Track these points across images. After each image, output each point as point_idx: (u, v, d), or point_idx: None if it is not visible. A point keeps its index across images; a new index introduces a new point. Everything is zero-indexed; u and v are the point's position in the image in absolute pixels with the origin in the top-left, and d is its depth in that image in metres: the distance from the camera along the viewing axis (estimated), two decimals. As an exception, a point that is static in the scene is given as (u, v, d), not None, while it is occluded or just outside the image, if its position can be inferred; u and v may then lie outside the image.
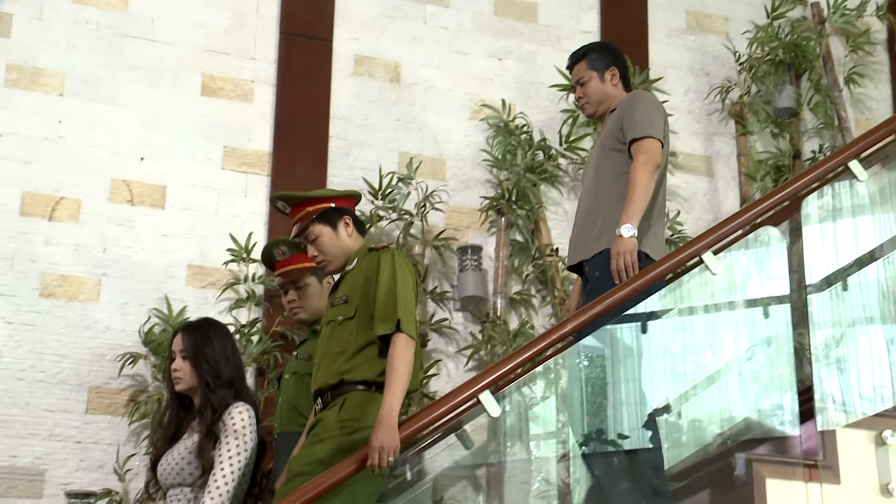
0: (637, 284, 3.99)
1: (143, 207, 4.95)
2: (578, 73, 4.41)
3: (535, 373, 4.97)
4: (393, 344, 3.52)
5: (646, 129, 4.10)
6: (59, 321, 4.66)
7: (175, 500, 3.60)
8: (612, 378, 4.91)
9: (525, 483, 4.96)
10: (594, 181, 4.23)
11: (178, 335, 3.76)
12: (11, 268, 4.70)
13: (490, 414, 3.82)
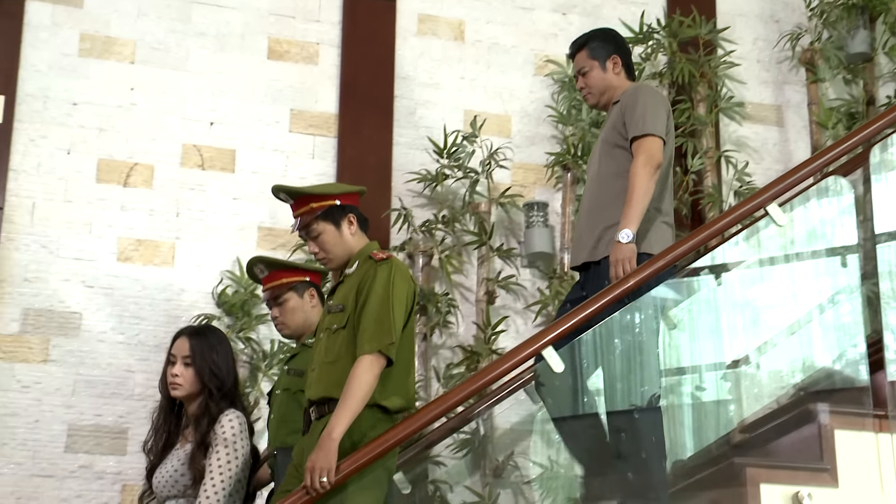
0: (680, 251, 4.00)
1: (213, 171, 5.05)
2: (580, 62, 4.29)
3: (603, 328, 5.01)
4: (361, 362, 3.37)
5: (647, 127, 3.99)
6: (136, 284, 4.80)
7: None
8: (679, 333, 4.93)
9: (597, 438, 5.01)
10: (597, 177, 4.15)
11: (181, 340, 3.71)
12: (90, 233, 4.85)
13: (553, 369, 3.85)
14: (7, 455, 4.53)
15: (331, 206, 3.67)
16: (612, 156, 4.10)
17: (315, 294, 4.15)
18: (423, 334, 4.93)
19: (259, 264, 4.19)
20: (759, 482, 3.83)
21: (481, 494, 4.70)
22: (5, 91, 4.93)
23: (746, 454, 4.31)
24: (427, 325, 4.92)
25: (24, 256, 4.75)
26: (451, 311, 4.97)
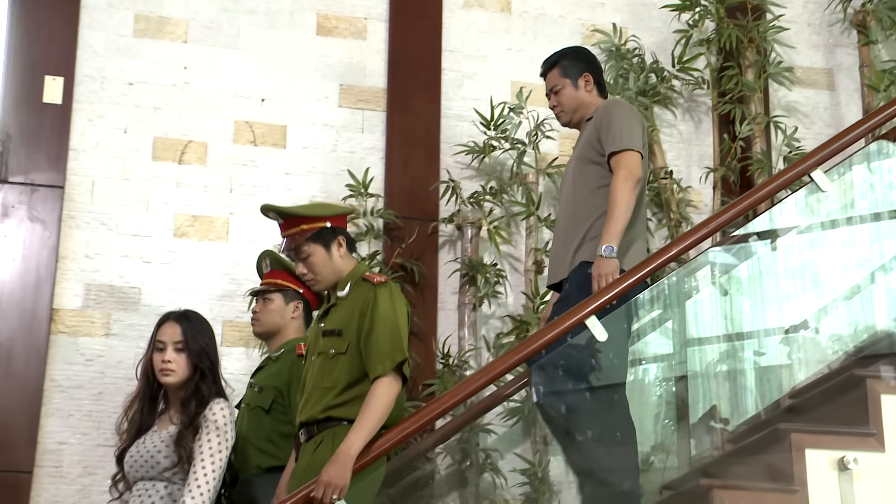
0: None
1: (265, 147, 5.16)
2: (551, 81, 4.29)
3: (651, 295, 5.05)
4: (379, 383, 3.44)
5: (624, 142, 3.98)
6: (191, 259, 4.93)
7: (145, 494, 3.52)
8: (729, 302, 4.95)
9: (644, 404, 5.05)
10: (572, 195, 4.13)
11: (169, 325, 3.66)
12: (147, 210, 4.98)
13: (597, 338, 3.90)
14: (73, 426, 4.69)
15: (321, 228, 3.70)
16: (586, 172, 4.09)
17: (300, 309, 4.17)
18: (473, 304, 5.00)
19: (266, 258, 4.27)
20: (804, 447, 3.86)
21: (532, 461, 4.78)
22: (64, 73, 5.06)
23: (792, 420, 4.34)
24: (476, 296, 4.99)
25: (85, 234, 4.90)
26: (499, 281, 5.04)
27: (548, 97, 4.34)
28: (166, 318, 3.72)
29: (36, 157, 4.93)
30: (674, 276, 5.01)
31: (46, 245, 4.82)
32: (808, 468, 3.83)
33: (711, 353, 5.02)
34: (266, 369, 4.14)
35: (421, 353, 4.91)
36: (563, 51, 4.37)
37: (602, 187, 4.01)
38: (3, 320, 4.70)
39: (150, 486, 3.51)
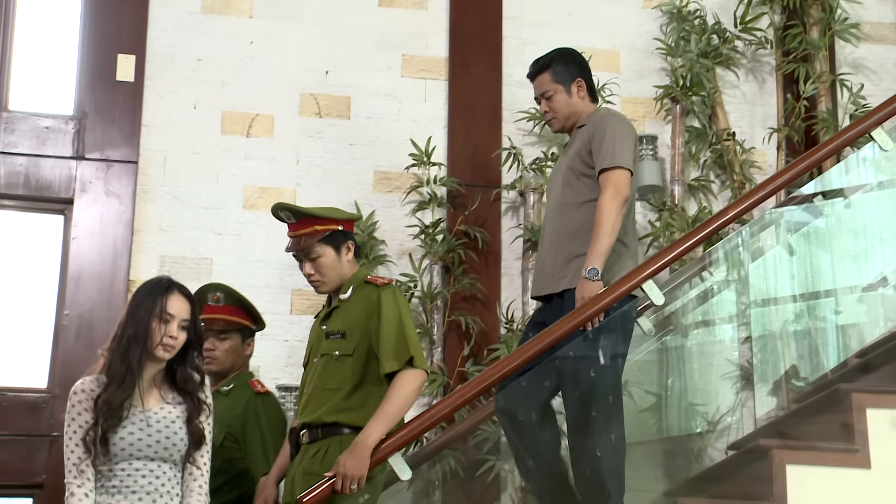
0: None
1: (330, 119, 5.26)
2: (543, 85, 4.17)
3: (716, 258, 5.07)
4: (401, 376, 3.46)
5: (616, 159, 3.92)
6: (261, 230, 5.06)
7: (151, 476, 3.22)
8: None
9: (709, 365, 5.09)
10: (559, 204, 4.06)
11: (181, 301, 3.31)
12: (217, 183, 5.12)
13: (654, 302, 3.95)
14: (152, 393, 4.87)
15: (334, 230, 3.69)
16: (576, 185, 4.02)
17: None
18: (537, 269, 5.06)
19: (218, 291, 4.14)
20: (864, 407, 3.88)
21: (596, 423, 4.84)
22: (136, 51, 5.21)
23: (856, 379, 4.35)
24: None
25: (158, 207, 5.06)
26: (562, 246, 5.08)
27: (537, 101, 4.23)
28: (176, 288, 3.34)
29: (110, 133, 5.10)
30: (739, 236, 5.03)
31: (122, 219, 4.99)
32: (870, 427, 3.85)
33: (777, 313, 5.04)
34: (217, 403, 3.74)
35: (485, 319, 5.00)
36: (554, 54, 4.24)
37: (591, 201, 3.96)
38: (84, 292, 4.88)
39: (156, 466, 3.22)
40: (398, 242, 5.10)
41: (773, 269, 5.09)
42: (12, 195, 5.02)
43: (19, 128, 5.06)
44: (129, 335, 3.25)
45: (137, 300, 3.31)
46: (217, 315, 4.06)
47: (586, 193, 3.98)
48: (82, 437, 3.18)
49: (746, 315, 5.04)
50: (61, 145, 5.07)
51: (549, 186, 4.23)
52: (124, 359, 3.22)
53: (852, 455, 3.71)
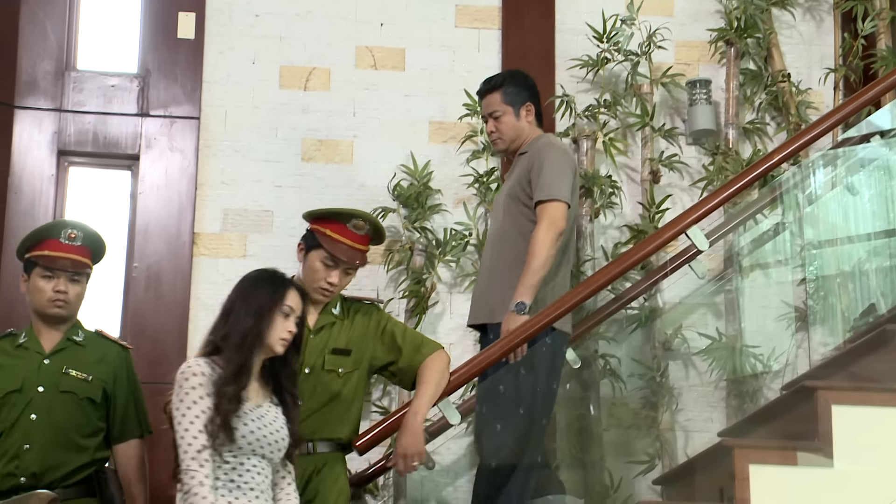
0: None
1: (385, 71, 5.34)
2: (492, 105, 4.22)
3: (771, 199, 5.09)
4: (438, 358, 3.66)
5: (553, 191, 3.96)
6: (319, 182, 5.18)
7: (254, 471, 3.11)
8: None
9: (763, 307, 5.13)
10: (500, 233, 4.10)
11: (297, 295, 3.27)
12: (276, 136, 5.25)
13: (699, 248, 4.00)
14: (218, 341, 5.04)
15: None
16: (515, 213, 4.07)
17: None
18: (590, 216, 5.12)
19: (77, 230, 3.98)
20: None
21: (650, 366, 4.92)
22: (195, 8, 5.32)
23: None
24: (592, 208, 5.11)
25: (220, 161, 5.20)
26: (614, 192, 5.13)
27: (484, 119, 4.27)
28: (297, 287, 3.31)
29: (173, 90, 5.24)
30: (794, 176, 5.03)
31: (186, 174, 5.15)
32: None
33: (833, 254, 5.05)
34: (78, 355, 3.85)
35: (540, 265, 5.07)
36: (506, 75, 4.32)
37: (528, 231, 4.01)
38: (151, 245, 5.06)
39: (265, 465, 3.15)
40: (453, 192, 5.18)
41: (829, 210, 5.10)
42: (82, 152, 5.20)
43: (87, 87, 5.23)
44: (246, 326, 3.13)
45: (252, 290, 3.22)
46: (74, 256, 3.87)
47: (524, 223, 4.05)
48: (205, 424, 3.01)
49: (802, 256, 5.06)
50: (127, 103, 5.23)
51: (493, 211, 4.26)
52: (241, 350, 3.10)
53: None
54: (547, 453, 4.64)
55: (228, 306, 3.24)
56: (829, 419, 3.65)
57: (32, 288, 3.87)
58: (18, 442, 3.71)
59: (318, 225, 3.77)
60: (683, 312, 5.08)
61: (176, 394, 3.08)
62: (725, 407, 4.96)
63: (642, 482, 4.76)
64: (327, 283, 3.71)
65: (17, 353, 3.84)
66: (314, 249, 3.73)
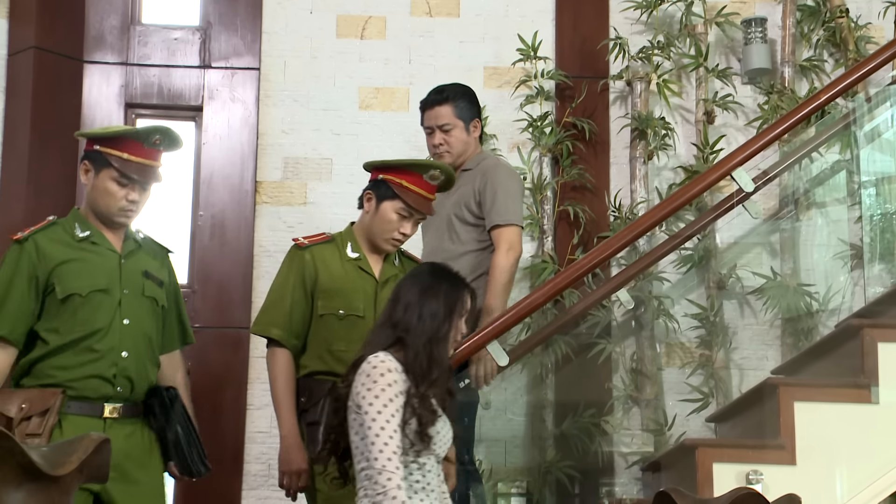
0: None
1: (440, 18, 5.40)
2: (443, 117, 4.14)
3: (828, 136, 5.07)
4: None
5: (510, 216, 3.96)
6: (376, 129, 5.28)
7: (434, 472, 3.04)
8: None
9: (821, 245, 5.13)
10: (439, 251, 4.01)
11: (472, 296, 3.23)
12: (333, 85, 5.35)
13: (744, 189, 4.03)
14: (282, 286, 5.20)
15: None
16: (462, 231, 4.03)
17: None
18: (643, 158, 5.15)
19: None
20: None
21: (704, 307, 4.97)
22: (254, -40, 5.43)
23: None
24: (646, 150, 5.14)
25: (280, 111, 5.32)
26: (668, 134, 5.15)
27: (430, 130, 4.20)
28: (468, 287, 3.22)
29: (233, 42, 5.36)
30: (852, 113, 5.01)
31: (247, 124, 5.29)
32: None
33: (890, 192, 5.02)
34: (145, 258, 3.63)
35: (594, 208, 5.13)
36: (458, 90, 4.24)
37: (478, 251, 4.01)
38: (216, 194, 5.22)
39: (436, 463, 3.05)
40: (508, 136, 5.25)
41: (887, 147, 5.07)
42: (148, 104, 5.36)
43: (151, 40, 5.37)
44: (434, 326, 3.05)
45: (434, 287, 3.11)
46: (155, 164, 3.57)
47: (470, 243, 4.03)
48: (400, 424, 2.92)
49: (859, 194, 5.05)
50: (189, 55, 5.37)
51: (427, 226, 4.08)
52: (429, 353, 3.01)
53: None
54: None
55: (409, 299, 3.10)
56: (874, 357, 3.68)
57: (101, 189, 3.49)
58: (116, 347, 3.41)
59: (392, 175, 3.67)
60: (739, 252, 5.11)
61: (369, 388, 2.93)
62: (781, 345, 5.00)
63: (696, 420, 4.84)
64: (400, 234, 3.66)
65: (86, 247, 3.49)
66: (388, 199, 3.63)
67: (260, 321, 3.68)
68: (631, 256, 5.03)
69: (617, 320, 5.04)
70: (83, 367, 3.37)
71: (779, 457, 3.63)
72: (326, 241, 3.71)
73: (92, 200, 3.54)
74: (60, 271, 3.42)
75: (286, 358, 3.58)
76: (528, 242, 5.14)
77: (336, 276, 3.62)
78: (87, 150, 3.56)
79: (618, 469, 4.88)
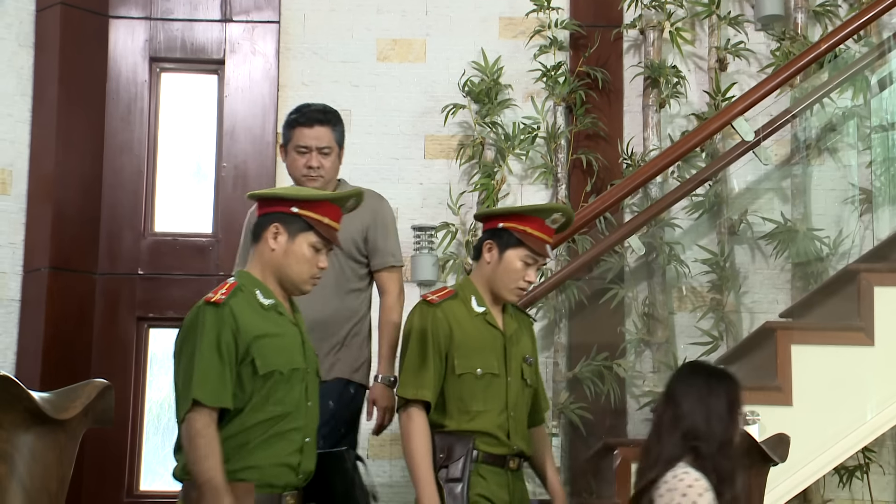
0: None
1: (456, -31, 5.48)
2: (324, 139, 3.88)
3: (839, 85, 5.12)
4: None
5: (399, 257, 3.92)
6: (394, 80, 5.38)
7: None
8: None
9: (832, 190, 5.21)
10: (333, 286, 3.83)
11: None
12: (352, 37, 5.44)
13: (744, 139, 4.10)
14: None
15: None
16: (346, 267, 3.88)
17: None
18: (655, 106, 5.22)
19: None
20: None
21: (714, 252, 5.07)
22: (277, -81, 5.51)
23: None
24: (658, 98, 5.21)
25: (300, 63, 5.43)
26: (679, 82, 5.21)
27: (304, 150, 3.87)
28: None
29: (254, -5, 5.48)
30: (861, 60, 5.05)
31: (268, 76, 5.41)
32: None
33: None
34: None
35: (607, 155, 5.22)
36: (337, 114, 4.01)
37: (359, 290, 3.92)
38: (238, 145, 5.36)
39: None
40: (523, 86, 5.33)
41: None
42: (171, 58, 5.49)
43: (174, -6, 5.50)
44: (722, 433, 2.99)
45: (710, 391, 3.03)
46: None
47: (354, 281, 3.90)
48: None
49: (870, 139, 5.11)
50: (211, 9, 5.48)
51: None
52: (726, 457, 2.96)
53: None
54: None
55: (690, 405, 3.01)
56: (870, 300, 3.78)
57: (297, 255, 3.20)
58: (302, 433, 3.16)
59: (514, 222, 3.50)
60: (750, 198, 5.19)
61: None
62: (791, 289, 5.09)
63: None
64: (525, 282, 3.54)
65: (275, 318, 3.20)
66: (512, 248, 3.49)
67: (409, 384, 3.44)
68: (643, 203, 5.13)
69: (630, 266, 5.15)
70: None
71: (776, 398, 3.76)
72: (453, 297, 3.54)
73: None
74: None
75: (425, 421, 3.43)
76: (543, 190, 5.26)
77: (469, 333, 3.49)
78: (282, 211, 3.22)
79: (630, 410, 5.03)
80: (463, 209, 5.22)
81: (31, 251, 5.14)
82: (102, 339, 5.14)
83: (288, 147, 3.95)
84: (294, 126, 3.94)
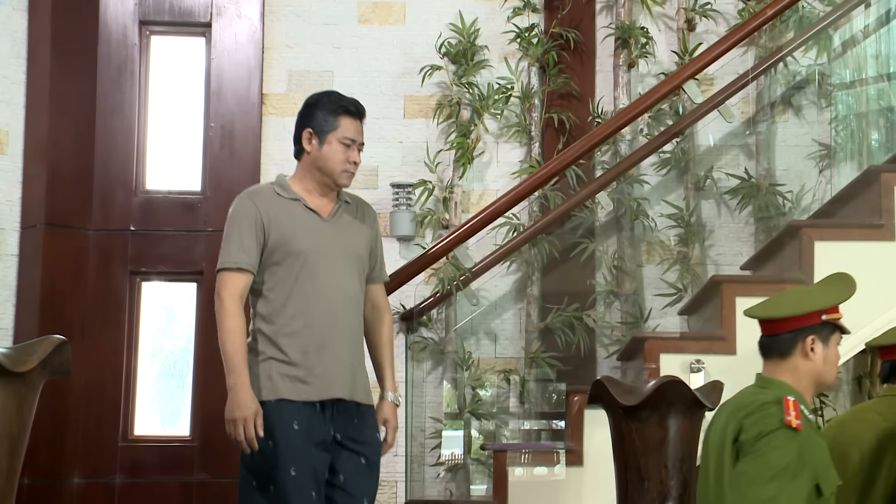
0: None
1: (433, -68, 5.63)
2: (362, 134, 3.71)
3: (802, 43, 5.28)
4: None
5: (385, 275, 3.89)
6: (375, 42, 5.56)
7: None
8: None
9: (796, 146, 5.39)
10: (342, 287, 3.58)
11: None
12: (334, 0, 5.61)
13: (694, 101, 4.28)
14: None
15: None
16: (361, 279, 3.68)
17: None
18: (628, 65, 5.40)
19: None
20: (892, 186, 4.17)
21: (680, 207, 5.27)
22: None
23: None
24: (629, 58, 5.38)
25: (284, 25, 5.62)
26: (648, 42, 5.38)
27: (349, 143, 3.66)
28: None
29: (239, -41, 5.65)
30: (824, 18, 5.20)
31: (253, 39, 5.60)
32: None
33: (861, 94, 5.26)
34: None
35: (579, 114, 5.40)
36: None
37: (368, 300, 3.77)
38: (224, 105, 5.56)
39: None
40: (498, 48, 5.50)
41: (860, 51, 5.28)
42: (161, 21, 5.68)
43: (162, -42, 5.68)
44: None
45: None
46: None
47: (362, 291, 3.70)
48: None
49: (833, 96, 5.29)
50: (198, -27, 5.67)
51: (319, 262, 3.59)
52: None
53: (877, 230, 4.05)
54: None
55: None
56: (811, 255, 3.99)
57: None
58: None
59: (833, 312, 3.26)
60: (716, 155, 5.38)
61: None
62: (754, 242, 5.29)
63: (672, 312, 5.18)
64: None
65: None
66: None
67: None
68: (613, 160, 5.33)
69: (600, 221, 5.36)
70: None
71: (721, 347, 3.98)
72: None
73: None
74: None
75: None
76: (518, 148, 5.46)
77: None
78: None
79: (598, 359, 5.26)
80: (440, 167, 5.43)
81: (27, 208, 5.37)
82: (96, 293, 5.38)
83: (328, 135, 3.66)
84: (341, 114, 3.68)
